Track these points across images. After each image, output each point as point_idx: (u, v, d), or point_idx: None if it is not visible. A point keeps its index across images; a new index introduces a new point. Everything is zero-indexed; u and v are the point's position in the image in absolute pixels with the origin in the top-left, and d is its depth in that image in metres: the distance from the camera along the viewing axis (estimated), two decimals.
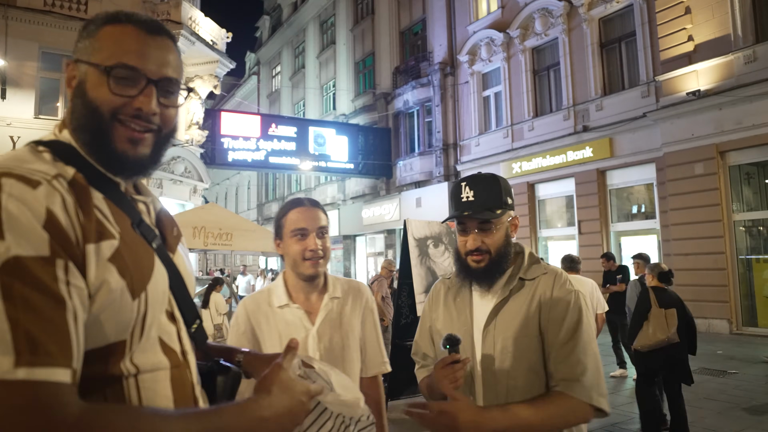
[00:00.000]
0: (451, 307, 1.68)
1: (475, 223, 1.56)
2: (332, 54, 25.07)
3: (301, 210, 1.75)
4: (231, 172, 33.18)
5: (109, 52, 0.90)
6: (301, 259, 1.71)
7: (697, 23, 11.21)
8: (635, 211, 13.48)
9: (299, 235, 1.71)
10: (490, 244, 1.56)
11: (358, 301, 1.86)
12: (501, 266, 1.58)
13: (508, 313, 1.54)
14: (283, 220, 1.76)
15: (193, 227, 9.28)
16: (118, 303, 0.83)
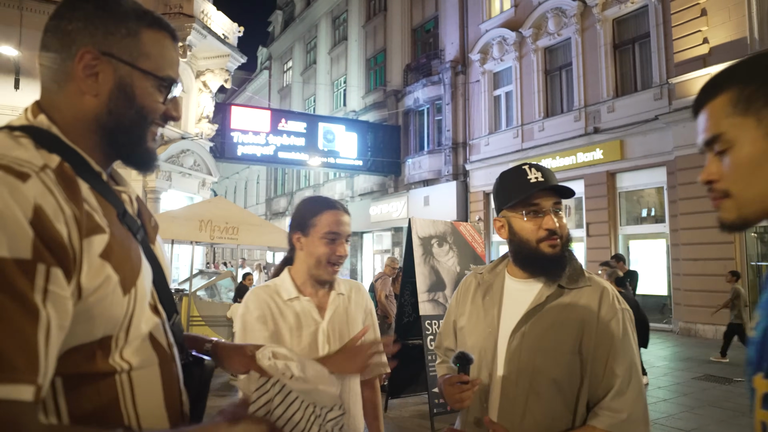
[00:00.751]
0: (479, 305, 1.58)
1: (551, 202, 1.45)
2: (344, 50, 25.06)
3: (336, 213, 1.72)
4: (240, 166, 33.29)
5: (157, 63, 0.94)
6: (327, 262, 1.70)
7: (712, 25, 11.07)
8: (645, 215, 13.37)
9: (330, 239, 1.69)
10: (562, 227, 1.46)
11: (360, 299, 1.86)
12: (567, 256, 1.47)
13: (541, 321, 1.42)
14: (316, 219, 1.71)
15: (200, 220, 9.32)
16: (110, 299, 0.81)
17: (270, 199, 32.09)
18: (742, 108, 0.84)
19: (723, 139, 0.86)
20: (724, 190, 0.88)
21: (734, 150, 0.85)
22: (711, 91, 0.89)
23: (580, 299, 1.42)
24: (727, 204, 0.88)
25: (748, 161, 0.84)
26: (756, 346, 0.85)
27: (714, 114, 0.88)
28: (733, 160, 0.85)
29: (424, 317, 5.68)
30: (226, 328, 8.49)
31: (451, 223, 6.39)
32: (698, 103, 0.92)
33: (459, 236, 6.26)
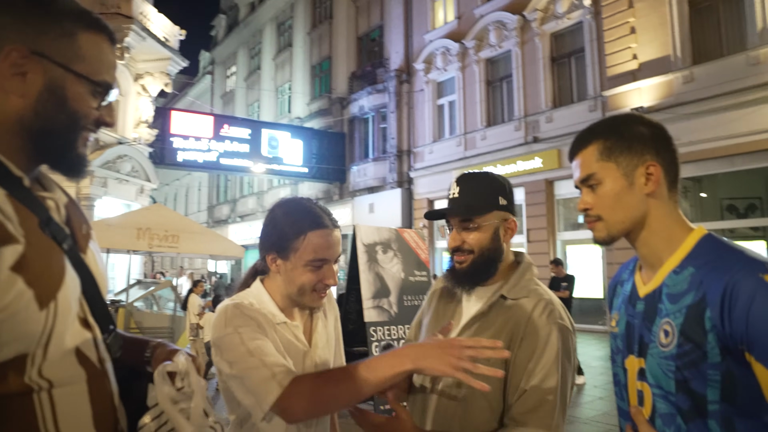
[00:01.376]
0: (439, 308, 1.62)
1: (457, 220, 1.48)
2: (289, 56, 24.87)
3: (324, 234, 1.39)
4: (181, 172, 32.35)
5: (93, 66, 0.90)
6: (311, 290, 1.42)
7: (641, 43, 11.71)
8: (581, 221, 13.92)
9: (317, 266, 1.39)
10: (473, 243, 1.45)
11: (332, 311, 1.67)
12: (485, 270, 1.47)
13: (480, 330, 1.44)
14: (298, 243, 1.38)
15: (138, 228, 9.00)
16: (23, 315, 0.76)
17: (212, 206, 31.32)
18: (606, 155, 1.17)
19: (594, 177, 1.18)
20: (597, 215, 1.19)
21: (602, 186, 1.17)
22: (583, 142, 1.21)
23: (516, 311, 1.42)
24: (599, 225, 1.20)
25: (613, 194, 1.16)
26: (621, 337, 1.20)
27: (586, 159, 1.19)
28: (601, 194, 1.17)
29: (368, 324, 5.68)
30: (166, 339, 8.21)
31: (396, 229, 6.45)
32: (573, 151, 1.24)
33: (403, 243, 6.32)
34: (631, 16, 11.84)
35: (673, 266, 1.11)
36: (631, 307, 1.19)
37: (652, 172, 1.13)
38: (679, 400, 1.02)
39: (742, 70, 10.00)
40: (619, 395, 1.23)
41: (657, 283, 1.13)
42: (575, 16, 13.52)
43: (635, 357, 1.14)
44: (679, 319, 1.04)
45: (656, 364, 1.07)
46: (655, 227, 1.15)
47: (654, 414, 1.07)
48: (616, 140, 1.16)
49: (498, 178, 1.55)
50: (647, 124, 1.17)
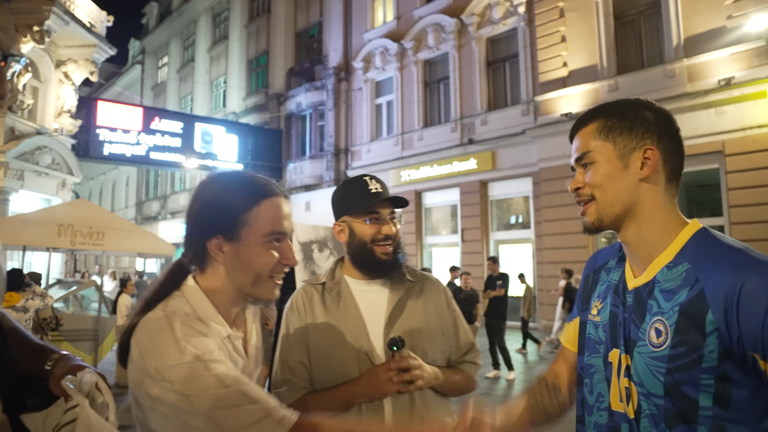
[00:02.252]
0: (334, 313, 1.56)
1: (389, 211, 1.62)
2: (224, 49, 24.21)
3: (280, 203, 1.17)
4: (108, 166, 30.78)
5: None
6: (268, 275, 1.15)
7: (571, 51, 12.24)
8: (513, 222, 14.38)
9: (275, 241, 1.15)
10: (396, 233, 1.62)
11: (256, 309, 1.44)
12: (399, 258, 1.64)
13: (407, 315, 1.59)
14: (251, 216, 1.13)
15: (59, 225, 8.49)
16: None
17: (141, 202, 30.01)
18: (604, 134, 1.13)
19: (589, 156, 1.14)
20: (589, 195, 1.14)
21: (595, 165, 1.13)
22: (584, 121, 1.18)
23: (429, 288, 1.69)
24: (591, 208, 1.14)
25: (605, 174, 1.11)
26: (604, 328, 1.15)
27: (584, 137, 1.16)
28: (594, 173, 1.13)
29: None
30: (90, 342, 7.80)
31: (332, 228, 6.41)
32: (574, 130, 1.20)
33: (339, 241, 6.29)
34: (562, 26, 12.35)
35: (666, 261, 1.05)
36: (617, 297, 1.13)
37: (649, 156, 1.08)
38: (667, 404, 0.97)
39: (660, 82, 10.65)
40: (588, 387, 1.17)
41: (648, 278, 1.07)
42: (510, 23, 13.94)
43: (621, 352, 1.08)
44: (673, 318, 0.98)
45: (644, 364, 1.01)
46: (647, 217, 1.09)
47: (639, 413, 1.02)
48: (618, 120, 1.12)
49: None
50: (654, 110, 1.12)
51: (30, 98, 14.12)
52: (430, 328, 1.60)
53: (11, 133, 13.27)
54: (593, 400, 1.14)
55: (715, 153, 10.01)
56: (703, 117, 10.07)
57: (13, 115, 13.30)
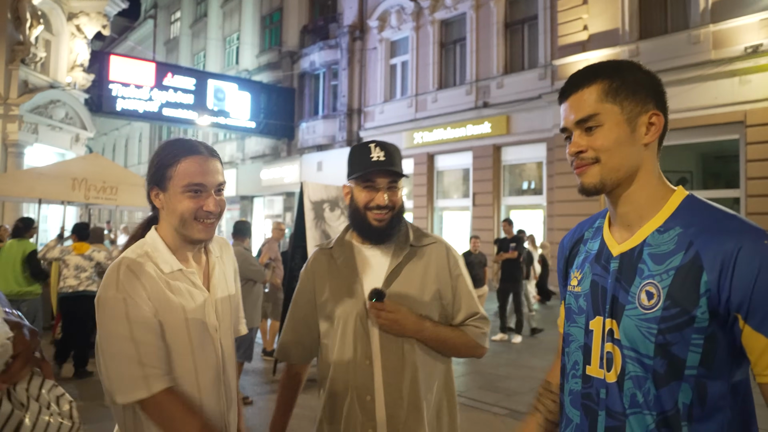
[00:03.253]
0: (338, 276, 1.68)
1: (386, 181, 1.64)
2: (238, 5, 23.78)
3: (198, 160, 1.42)
4: (121, 122, 30.82)
5: None
6: (193, 219, 1.41)
7: (592, 14, 11.89)
8: (525, 187, 14.30)
9: (193, 191, 1.40)
10: (395, 201, 1.65)
11: (229, 257, 1.66)
12: (397, 226, 1.67)
13: (404, 278, 1.63)
14: (173, 170, 1.41)
15: (73, 179, 8.58)
16: None
17: None
18: (611, 97, 1.09)
19: (595, 118, 1.09)
20: (593, 157, 1.10)
21: (602, 129, 1.09)
22: (582, 81, 1.12)
23: (431, 254, 1.69)
24: (593, 170, 1.10)
25: (613, 138, 1.08)
26: (585, 297, 1.16)
27: (586, 99, 1.10)
28: (600, 137, 1.09)
29: None
30: None
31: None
32: (569, 89, 1.14)
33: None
34: None
35: (656, 225, 1.07)
36: (598, 266, 1.15)
37: (655, 122, 1.09)
38: (656, 364, 1.00)
39: (683, 48, 10.35)
40: (566, 355, 1.20)
41: (636, 242, 1.09)
42: None
43: (605, 318, 1.10)
44: (666, 281, 1.01)
45: (633, 326, 1.03)
46: (643, 182, 1.10)
47: (623, 376, 1.05)
48: (622, 83, 1.09)
49: (398, 149, 1.73)
50: (649, 74, 1.12)
51: (42, 51, 14.04)
52: (427, 292, 1.63)
53: (25, 86, 13.26)
54: (570, 367, 1.18)
55: (735, 123, 9.80)
56: (725, 86, 9.82)
57: (26, 67, 13.26)
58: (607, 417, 1.07)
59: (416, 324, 1.58)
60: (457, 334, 1.66)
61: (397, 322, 1.56)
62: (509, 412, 5.09)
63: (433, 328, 1.61)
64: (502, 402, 5.35)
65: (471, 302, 1.69)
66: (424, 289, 1.63)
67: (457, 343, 1.66)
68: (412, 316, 1.58)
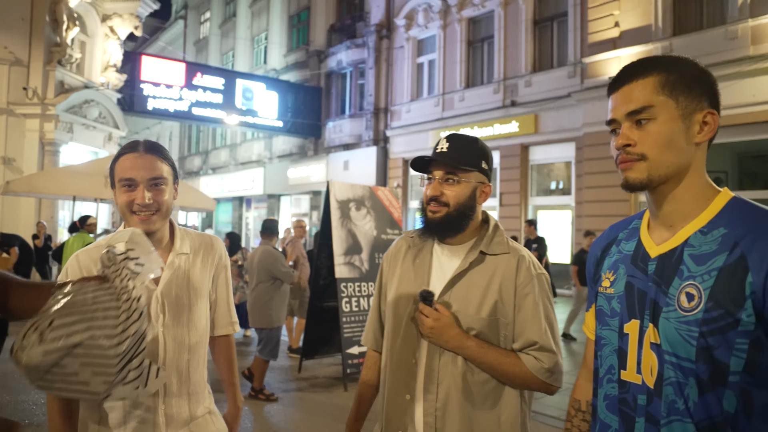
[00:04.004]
0: (409, 267, 1.64)
1: (441, 173, 1.56)
2: (266, 4, 24.00)
3: (131, 157, 1.55)
4: (151, 121, 31.42)
5: None
6: (129, 212, 1.54)
7: (624, 10, 11.64)
8: (553, 187, 14.10)
9: (126, 186, 1.53)
10: (450, 196, 1.54)
11: (210, 257, 1.73)
12: (458, 223, 1.55)
13: (465, 286, 1.53)
14: (114, 168, 1.56)
15: (106, 177, 8.72)
16: None
17: (183, 157, 30.64)
18: (668, 90, 1.04)
19: (649, 111, 1.04)
20: (641, 153, 1.05)
21: (655, 122, 1.04)
22: (638, 72, 1.07)
23: (499, 265, 1.54)
24: (641, 166, 1.05)
25: (667, 133, 1.04)
26: (621, 299, 1.11)
27: (641, 90, 1.05)
28: (652, 131, 1.04)
29: (339, 280, 5.72)
30: None
31: (370, 187, 6.42)
32: (623, 79, 1.09)
33: (377, 201, 6.30)
34: None
35: (699, 225, 1.03)
36: (634, 267, 1.10)
37: (709, 121, 1.05)
38: (698, 369, 0.95)
39: (720, 44, 10.06)
40: (600, 359, 1.16)
41: (677, 243, 1.05)
42: None
43: (642, 321, 1.06)
44: (708, 282, 0.96)
45: (673, 329, 0.99)
46: (690, 181, 1.06)
47: (661, 382, 1.00)
48: (679, 77, 1.05)
49: (484, 145, 1.64)
50: (706, 71, 1.08)
51: (78, 52, 14.41)
52: (486, 306, 1.50)
53: (61, 86, 13.62)
54: (604, 371, 1.14)
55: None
56: (764, 83, 9.51)
57: (62, 68, 13.62)
58: (647, 423, 1.02)
59: (457, 338, 1.47)
60: (510, 361, 1.48)
61: (434, 330, 1.47)
62: (532, 414, 5.02)
63: (477, 348, 1.47)
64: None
65: (534, 329, 1.49)
66: (483, 304, 1.50)
67: (509, 371, 1.48)
68: (454, 329, 1.47)
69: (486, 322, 1.49)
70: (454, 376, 1.49)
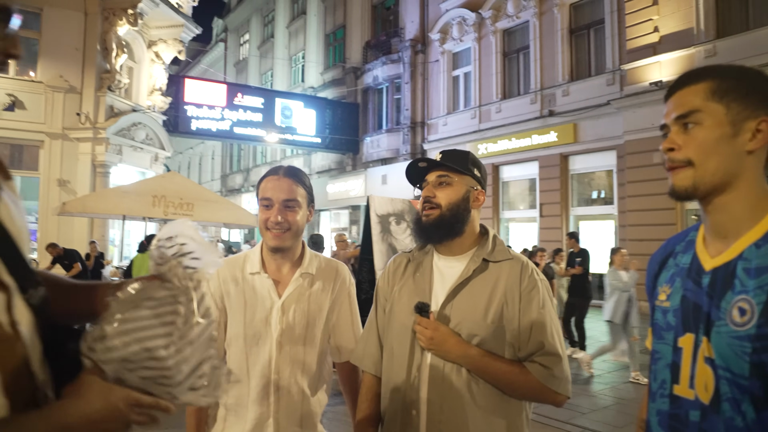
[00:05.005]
0: (410, 282, 1.63)
1: (434, 176, 1.58)
2: (302, 24, 24.57)
3: (271, 179, 1.72)
4: (195, 141, 32.43)
5: None
6: (264, 228, 1.69)
7: (663, 15, 11.43)
8: (595, 197, 13.84)
9: (264, 205, 1.70)
10: (442, 198, 1.55)
11: (333, 281, 1.80)
12: (451, 225, 1.55)
13: (468, 295, 1.51)
14: (258, 187, 1.75)
15: (153, 196, 9.10)
16: None
17: (225, 175, 31.45)
18: (718, 96, 1.03)
19: (695, 115, 1.04)
20: (686, 159, 1.04)
21: (703, 127, 1.03)
22: (692, 78, 1.08)
23: (502, 271, 1.53)
24: (686, 173, 1.05)
25: (713, 139, 1.02)
26: (675, 313, 1.09)
27: (691, 95, 1.05)
28: (700, 135, 1.03)
29: None
30: None
31: (409, 201, 6.47)
32: (677, 85, 1.10)
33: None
34: None
35: (755, 238, 0.99)
36: (690, 281, 1.07)
37: (763, 129, 1.01)
38: (752, 386, 0.92)
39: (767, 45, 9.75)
40: (653, 373, 1.13)
41: (731, 256, 1.02)
42: None
43: (696, 335, 1.02)
44: (761, 297, 0.93)
45: (725, 344, 0.96)
46: (742, 191, 1.02)
47: (718, 398, 0.96)
48: (734, 84, 1.03)
49: (476, 157, 1.66)
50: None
51: (126, 77, 15.05)
52: (490, 314, 1.48)
53: (111, 110, 14.25)
54: (656, 386, 1.11)
55: None
56: None
57: (112, 93, 14.26)
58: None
59: (457, 347, 1.46)
60: (514, 370, 1.45)
61: (434, 341, 1.46)
62: (582, 430, 4.92)
63: (479, 357, 1.45)
64: (576, 419, 5.18)
65: (539, 333, 1.46)
66: (488, 310, 1.48)
67: (514, 380, 1.45)
68: (452, 339, 1.46)
69: (491, 329, 1.47)
70: (458, 387, 1.47)
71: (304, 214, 1.74)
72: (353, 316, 1.84)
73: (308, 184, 1.78)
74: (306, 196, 1.75)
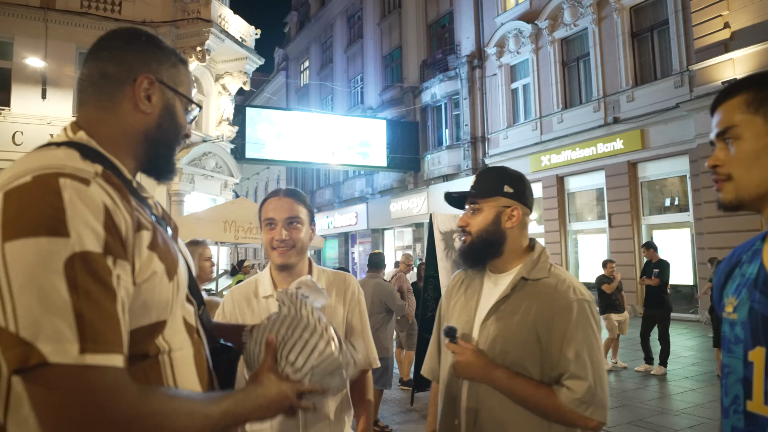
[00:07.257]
0: (461, 298, 1.71)
1: (468, 205, 1.65)
2: (360, 48, 25.14)
3: (272, 200, 1.80)
4: (261, 167, 33.64)
5: (187, 88, 1.11)
6: (270, 248, 1.77)
7: (734, 9, 10.89)
8: (668, 204, 13.22)
9: (268, 226, 1.77)
10: (473, 225, 1.61)
11: (343, 293, 1.87)
12: (483, 250, 1.60)
13: (506, 312, 1.54)
14: (260, 210, 1.83)
15: (224, 221, 9.50)
16: (159, 286, 0.92)
17: None
18: (754, 108, 1.02)
19: (733, 131, 1.03)
20: (727, 174, 1.05)
21: (741, 141, 1.03)
22: (728, 93, 1.07)
23: (539, 291, 1.53)
24: (728, 186, 1.05)
25: (752, 152, 1.01)
26: (743, 325, 1.05)
27: (729, 110, 1.05)
28: (738, 150, 1.03)
29: None
30: None
31: None
32: (716, 102, 1.10)
33: None
34: None
35: None
36: (757, 292, 1.04)
37: None
38: None
39: None
40: (725, 388, 1.10)
41: None
42: None
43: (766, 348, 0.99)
44: None
45: None
46: None
47: None
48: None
49: (509, 170, 1.66)
50: None
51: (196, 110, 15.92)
52: (524, 333, 1.49)
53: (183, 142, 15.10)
54: (728, 402, 1.07)
55: None
56: None
57: None
58: None
59: (481, 371, 1.49)
60: (541, 393, 1.44)
61: (459, 365, 1.52)
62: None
63: (506, 380, 1.46)
64: None
65: (569, 356, 1.43)
66: (521, 330, 1.49)
67: (541, 404, 1.44)
68: (478, 362, 1.49)
69: (523, 348, 1.49)
70: (492, 398, 1.51)
71: (307, 232, 1.83)
72: (363, 324, 1.91)
73: (308, 203, 1.87)
74: (307, 214, 1.84)
